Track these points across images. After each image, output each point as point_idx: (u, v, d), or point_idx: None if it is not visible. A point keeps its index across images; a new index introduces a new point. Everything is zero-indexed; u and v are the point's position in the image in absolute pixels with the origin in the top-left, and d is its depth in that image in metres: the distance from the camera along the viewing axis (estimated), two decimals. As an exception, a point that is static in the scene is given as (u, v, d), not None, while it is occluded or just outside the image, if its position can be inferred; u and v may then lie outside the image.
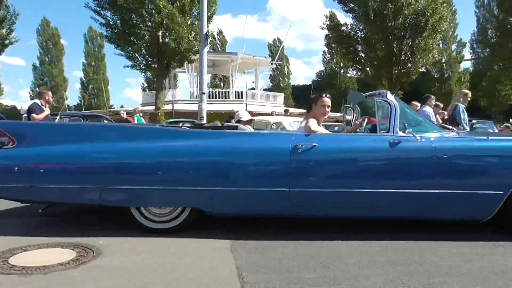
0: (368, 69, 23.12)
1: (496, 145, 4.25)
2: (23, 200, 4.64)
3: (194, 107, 15.94)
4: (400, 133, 4.11)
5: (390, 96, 4.27)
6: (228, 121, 15.50)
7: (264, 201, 4.06)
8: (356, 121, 5.59)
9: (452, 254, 3.56)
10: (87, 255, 3.49)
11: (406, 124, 4.15)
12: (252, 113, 20.26)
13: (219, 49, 52.21)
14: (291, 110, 24.53)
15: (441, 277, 3.05)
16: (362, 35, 22.05)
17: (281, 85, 58.61)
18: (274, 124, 11.40)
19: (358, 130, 5.25)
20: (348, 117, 6.16)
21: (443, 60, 43.16)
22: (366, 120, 4.99)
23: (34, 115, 7.23)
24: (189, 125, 6.75)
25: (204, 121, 8.76)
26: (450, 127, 6.11)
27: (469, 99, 8.94)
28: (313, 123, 4.39)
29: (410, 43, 20.08)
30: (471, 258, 3.46)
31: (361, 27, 22.28)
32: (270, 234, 4.15)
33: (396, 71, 21.09)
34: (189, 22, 18.72)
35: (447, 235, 4.06)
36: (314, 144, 4.01)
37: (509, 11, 25.39)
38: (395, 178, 4.03)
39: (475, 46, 35.62)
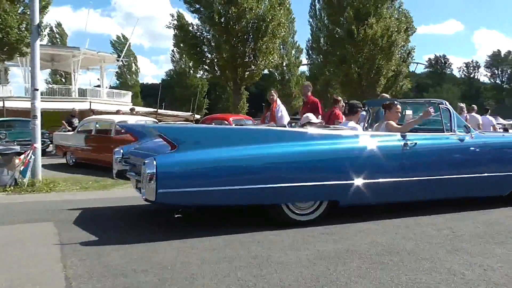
0: (215, 69, 23.67)
1: (496, 140, 6.14)
2: (188, 205, 4.55)
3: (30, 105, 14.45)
4: (458, 132, 5.43)
5: (448, 104, 5.54)
6: (69, 120, 14.48)
7: (386, 190, 4.86)
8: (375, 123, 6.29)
9: (277, 248, 3.87)
10: None
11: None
12: (97, 112, 19.26)
13: (59, 42, 48.29)
14: (138, 109, 23.88)
15: (271, 268, 3.28)
16: (208, 36, 22.52)
17: (129, 83, 56.73)
18: (119, 123, 11.00)
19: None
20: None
21: (284, 64, 46.48)
22: (385, 122, 5.57)
23: None
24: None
25: (39, 120, 7.98)
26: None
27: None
28: (394, 124, 5.36)
29: (252, 46, 21.12)
30: (297, 246, 3.80)
31: (207, 29, 22.72)
32: (104, 239, 4.02)
33: (240, 73, 21.98)
34: (19, 11, 16.93)
35: (271, 230, 4.41)
36: (416, 142, 5.02)
37: (336, 23, 28.38)
38: (467, 166, 5.39)
39: (310, 52, 39.01)
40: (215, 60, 22.62)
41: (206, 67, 23.83)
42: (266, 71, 38.92)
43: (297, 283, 2.97)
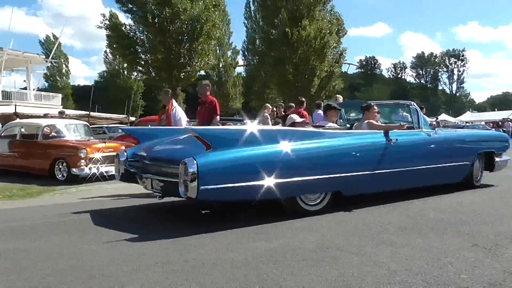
0: (150, 70, 23.18)
1: (463, 134, 8.22)
2: (226, 201, 4.91)
3: None
4: (425, 129, 6.36)
5: (415, 105, 6.58)
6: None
7: (381, 180, 5.62)
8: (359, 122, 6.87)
9: (211, 250, 3.87)
10: None
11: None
12: (24, 115, 18.22)
13: (-21, 42, 45.26)
14: (69, 112, 22.91)
15: (204, 270, 3.27)
16: (142, 37, 22.02)
17: (59, 85, 54.33)
18: (47, 128, 10.50)
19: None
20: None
21: (220, 65, 46.50)
22: (366, 122, 6.26)
23: None
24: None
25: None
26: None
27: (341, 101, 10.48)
28: (375, 123, 6.16)
29: (188, 47, 20.91)
30: (231, 247, 3.82)
31: (141, 29, 22.20)
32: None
33: (176, 74, 21.69)
34: None
35: (206, 233, 4.40)
36: (397, 138, 5.77)
37: (271, 24, 28.79)
38: (435, 158, 6.35)
39: (246, 53, 39.23)
40: (150, 61, 22.15)
41: (141, 68, 23.28)
42: (202, 72, 38.74)
43: (230, 284, 2.98)
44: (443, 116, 49.08)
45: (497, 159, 7.37)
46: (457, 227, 4.43)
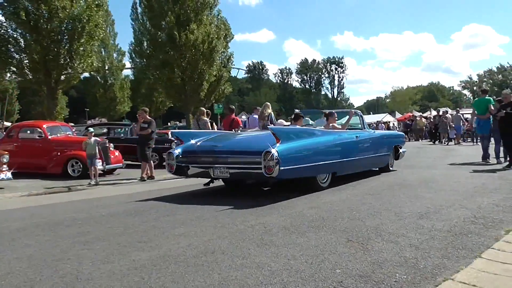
0: (26, 72, 21.22)
1: (387, 133, 13.26)
2: (301, 176, 6.94)
3: None
4: (367, 129, 9.54)
5: (360, 112, 9.83)
6: None
7: (354, 164, 8.37)
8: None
9: (89, 263, 3.66)
10: None
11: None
12: None
13: None
14: None
15: (80, 285, 3.07)
16: (15, 35, 20.11)
17: None
18: None
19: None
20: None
21: (106, 67, 44.39)
22: (330, 125, 8.59)
23: None
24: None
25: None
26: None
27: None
28: (337, 125, 8.56)
29: (68, 48, 19.57)
30: (111, 259, 3.64)
31: (13, 26, 20.25)
32: None
33: (55, 76, 20.18)
34: None
35: (83, 244, 4.15)
36: (358, 135, 8.50)
37: (158, 27, 28.25)
38: (375, 149, 9.24)
39: (133, 55, 37.91)
40: (24, 61, 20.31)
41: (14, 69, 21.23)
42: (86, 74, 36.63)
43: (108, 298, 2.84)
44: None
45: (401, 150, 10.53)
46: (333, 224, 4.72)
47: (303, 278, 3.08)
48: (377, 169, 9.89)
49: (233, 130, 10.11)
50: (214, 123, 13.16)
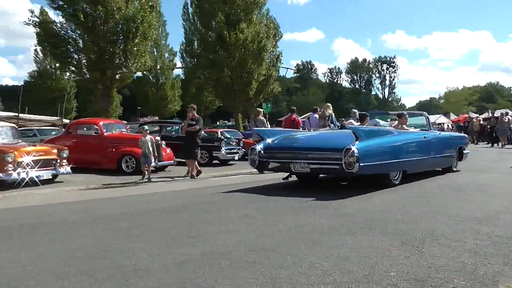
0: (83, 71, 22.15)
1: (448, 134, 13.35)
2: (377, 172, 7.32)
3: None
4: (432, 130, 9.82)
5: (425, 113, 10.45)
6: None
7: (422, 164, 8.68)
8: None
9: (143, 256, 3.76)
10: None
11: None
12: None
13: None
14: (-8, 114, 21.47)
15: (136, 276, 3.16)
16: (74, 36, 21.03)
17: (-19, 85, 50.83)
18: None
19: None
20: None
21: (158, 67, 45.57)
22: (399, 126, 9.09)
23: None
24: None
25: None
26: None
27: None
28: (405, 126, 8.91)
29: (122, 48, 20.23)
30: (162, 252, 3.73)
31: (72, 27, 21.19)
32: None
33: (110, 75, 20.93)
34: None
35: (135, 238, 4.26)
36: (425, 136, 8.85)
37: (208, 27, 28.63)
38: (438, 150, 9.31)
39: (184, 55, 38.69)
40: (82, 61, 21.20)
41: (73, 68, 22.21)
42: (139, 74, 37.78)
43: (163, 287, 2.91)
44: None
45: (464, 151, 10.62)
46: (385, 225, 4.61)
47: (356, 279, 3.03)
48: (440, 169, 9.86)
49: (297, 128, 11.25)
50: (268, 123, 13.87)
